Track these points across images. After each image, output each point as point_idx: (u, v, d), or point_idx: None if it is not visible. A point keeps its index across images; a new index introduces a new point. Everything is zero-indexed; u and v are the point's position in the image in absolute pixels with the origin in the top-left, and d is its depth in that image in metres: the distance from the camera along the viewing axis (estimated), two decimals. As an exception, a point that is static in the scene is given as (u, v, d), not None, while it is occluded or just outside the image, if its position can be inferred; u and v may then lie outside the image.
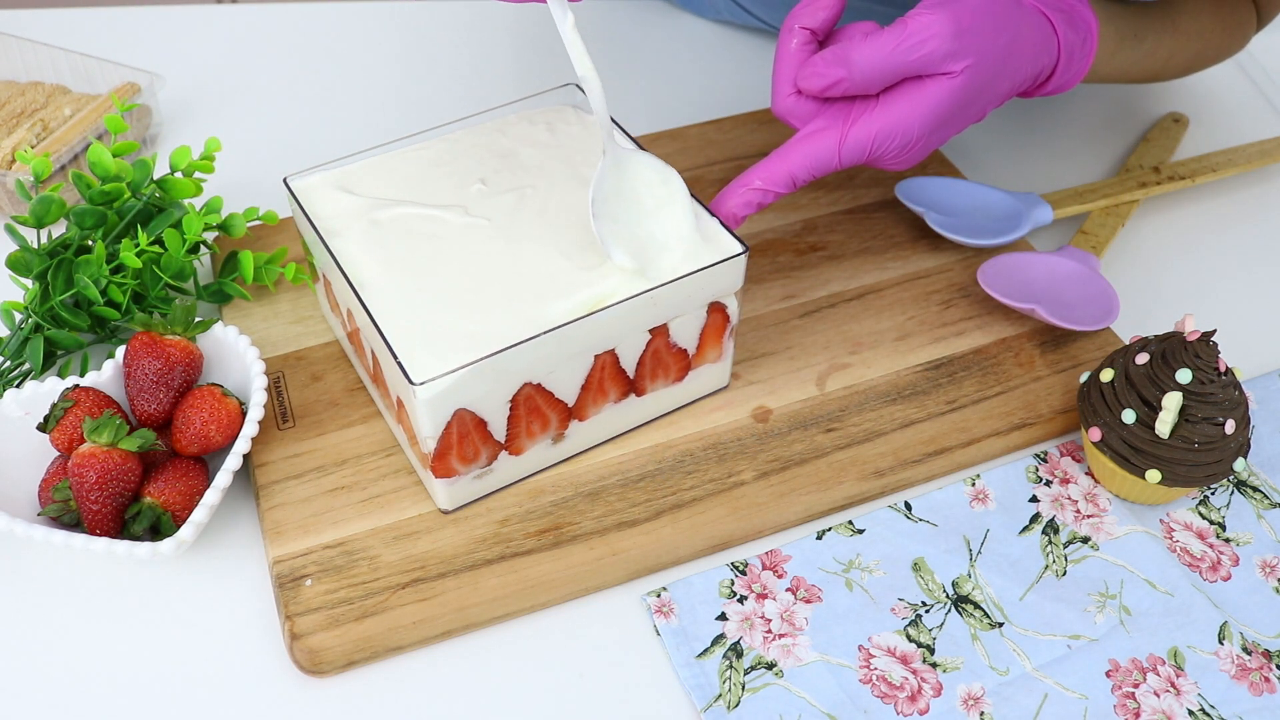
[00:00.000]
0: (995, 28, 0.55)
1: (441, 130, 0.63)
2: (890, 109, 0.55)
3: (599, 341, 0.54)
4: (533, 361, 0.52)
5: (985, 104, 0.57)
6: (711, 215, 0.56)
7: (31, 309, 0.61)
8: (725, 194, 0.58)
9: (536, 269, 0.55)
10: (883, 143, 0.55)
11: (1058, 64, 0.59)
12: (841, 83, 0.55)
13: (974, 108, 0.57)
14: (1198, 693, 0.51)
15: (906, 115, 0.55)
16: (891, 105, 0.55)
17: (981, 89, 0.56)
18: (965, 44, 0.54)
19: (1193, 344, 0.54)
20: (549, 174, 0.60)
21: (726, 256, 0.54)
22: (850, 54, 0.54)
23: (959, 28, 0.54)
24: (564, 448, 0.57)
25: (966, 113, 0.57)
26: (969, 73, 0.54)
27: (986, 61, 0.55)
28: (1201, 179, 0.75)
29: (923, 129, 0.55)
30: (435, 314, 0.52)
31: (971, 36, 0.54)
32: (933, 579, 0.55)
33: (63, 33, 0.88)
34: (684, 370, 0.58)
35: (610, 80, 0.85)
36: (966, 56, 0.54)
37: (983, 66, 0.55)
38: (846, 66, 0.54)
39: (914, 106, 0.55)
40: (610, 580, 0.55)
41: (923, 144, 0.56)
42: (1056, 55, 0.58)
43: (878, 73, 0.54)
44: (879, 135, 0.55)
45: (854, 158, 0.56)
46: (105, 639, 0.53)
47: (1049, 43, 0.58)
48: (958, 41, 0.54)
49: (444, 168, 0.61)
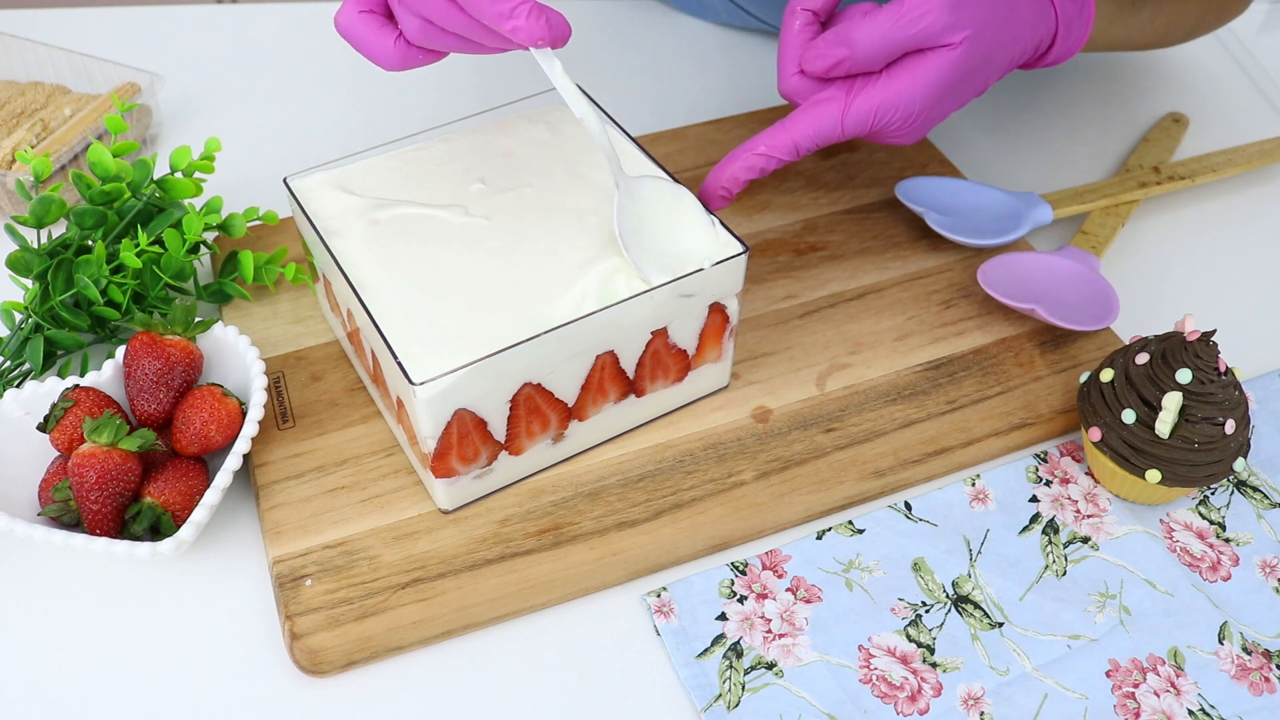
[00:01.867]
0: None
1: (441, 130, 0.63)
2: (892, 82, 0.57)
3: (599, 342, 0.54)
4: (533, 362, 0.52)
5: (986, 76, 0.58)
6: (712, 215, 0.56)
7: (31, 309, 0.61)
8: (728, 159, 0.60)
9: (536, 269, 0.55)
10: (885, 114, 0.56)
11: (1056, 33, 0.60)
12: (845, 62, 0.56)
13: (975, 79, 0.58)
14: (1198, 693, 0.51)
15: (908, 87, 0.56)
16: (894, 78, 0.57)
17: (982, 59, 0.57)
18: (962, 16, 0.55)
19: (1193, 344, 0.54)
20: (549, 173, 0.60)
21: (727, 257, 0.54)
22: (851, 33, 0.56)
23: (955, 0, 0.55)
24: (564, 448, 0.57)
25: (967, 85, 0.58)
26: (968, 43, 0.55)
27: (985, 32, 0.56)
28: (1201, 179, 0.75)
29: (925, 101, 0.57)
30: (435, 314, 0.52)
31: (968, 8, 0.55)
32: (933, 579, 0.55)
33: (63, 33, 0.88)
34: (684, 371, 0.58)
35: (611, 80, 0.85)
36: (964, 27, 0.55)
37: (982, 37, 0.56)
38: (849, 46, 0.56)
39: (915, 79, 0.56)
40: (610, 580, 0.55)
41: (925, 116, 0.57)
42: (1055, 24, 0.59)
43: (879, 49, 0.56)
44: (881, 107, 0.56)
45: (857, 128, 0.57)
46: (105, 639, 0.53)
47: (1046, 12, 0.59)
48: (955, 14, 0.55)
49: (444, 167, 0.61)
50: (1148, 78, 0.88)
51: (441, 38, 0.51)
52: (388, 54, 0.52)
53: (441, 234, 0.57)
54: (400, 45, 0.52)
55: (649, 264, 0.54)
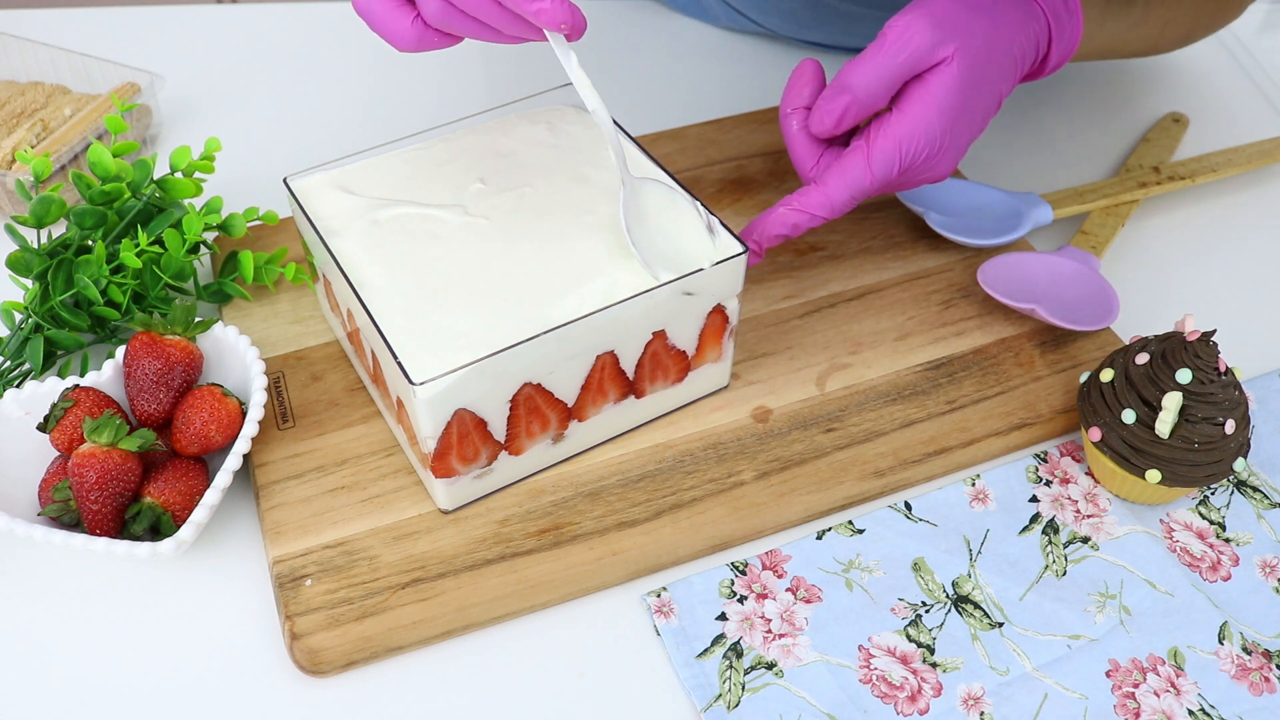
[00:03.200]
0: (972, 8, 0.56)
1: (442, 130, 0.63)
2: (904, 114, 0.57)
3: (599, 342, 0.54)
4: (532, 362, 0.52)
5: (993, 86, 0.58)
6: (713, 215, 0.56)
7: (31, 309, 0.61)
8: (763, 216, 0.59)
9: (537, 269, 0.55)
10: (908, 147, 0.56)
11: (1050, 32, 0.59)
12: (850, 106, 0.56)
13: (982, 92, 0.58)
14: (1198, 693, 0.51)
15: (921, 113, 0.56)
16: (904, 110, 0.57)
17: (981, 68, 0.57)
18: (946, 30, 0.55)
19: (1193, 344, 0.54)
20: (549, 173, 0.60)
21: (727, 257, 0.54)
22: (847, 78, 0.56)
23: (934, 19, 0.55)
24: (564, 448, 0.57)
25: (976, 100, 0.57)
26: (960, 54, 0.56)
27: (973, 41, 0.56)
28: (1201, 179, 0.75)
29: (941, 123, 0.56)
30: (435, 314, 0.52)
31: (950, 22, 0.56)
32: (933, 579, 0.55)
33: (63, 33, 0.88)
34: (684, 371, 0.58)
35: (611, 80, 0.85)
36: (951, 40, 0.55)
37: (971, 45, 0.56)
38: (848, 90, 0.56)
39: (924, 103, 0.56)
40: (610, 580, 0.55)
41: (947, 141, 0.57)
42: (1045, 20, 0.59)
43: (877, 83, 0.56)
44: (902, 141, 0.56)
45: (885, 169, 0.57)
46: (105, 639, 0.53)
47: (1031, 8, 0.59)
48: (938, 31, 0.55)
49: (444, 167, 0.61)
50: (1148, 78, 0.88)
51: (460, 21, 0.51)
52: (403, 34, 0.52)
53: (442, 234, 0.57)
54: (417, 26, 0.52)
55: (655, 261, 0.54)
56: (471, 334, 0.51)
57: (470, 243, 0.56)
